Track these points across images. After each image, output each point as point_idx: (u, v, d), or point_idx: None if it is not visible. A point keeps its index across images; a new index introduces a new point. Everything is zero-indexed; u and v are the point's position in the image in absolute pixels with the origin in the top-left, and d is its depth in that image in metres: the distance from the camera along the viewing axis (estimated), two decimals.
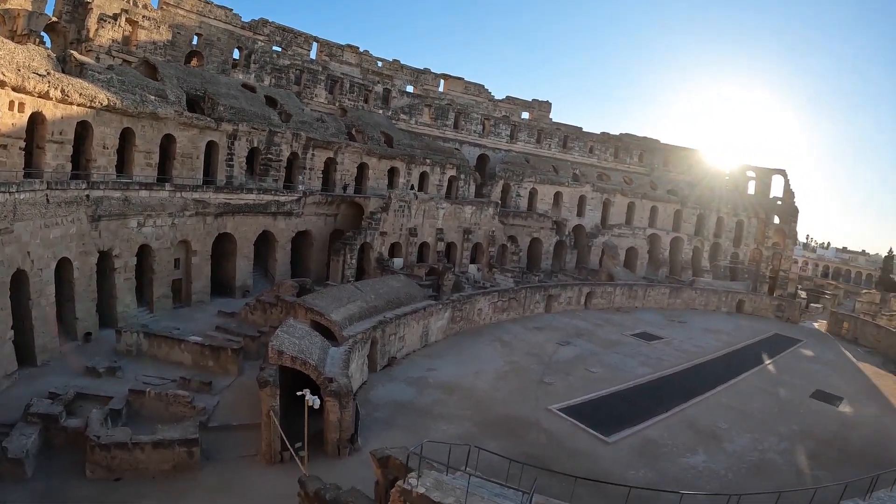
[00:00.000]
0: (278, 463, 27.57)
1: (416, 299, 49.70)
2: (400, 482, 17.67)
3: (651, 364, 52.13)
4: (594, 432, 35.34)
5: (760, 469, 34.24)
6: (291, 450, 25.99)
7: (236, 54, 66.68)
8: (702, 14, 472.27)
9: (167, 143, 50.45)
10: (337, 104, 71.17)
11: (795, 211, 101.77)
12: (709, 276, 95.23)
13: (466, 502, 16.60)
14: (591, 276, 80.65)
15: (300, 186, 59.81)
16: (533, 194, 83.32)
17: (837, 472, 34.10)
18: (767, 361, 60.65)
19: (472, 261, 71.28)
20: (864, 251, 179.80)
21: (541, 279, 70.60)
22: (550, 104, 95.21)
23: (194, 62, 65.16)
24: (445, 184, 74.10)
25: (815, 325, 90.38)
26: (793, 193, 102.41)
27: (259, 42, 66.68)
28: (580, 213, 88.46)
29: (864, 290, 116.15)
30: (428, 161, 71.76)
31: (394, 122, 75.50)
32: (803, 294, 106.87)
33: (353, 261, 57.03)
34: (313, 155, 60.99)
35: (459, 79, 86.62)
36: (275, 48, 68.29)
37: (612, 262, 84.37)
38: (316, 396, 25.39)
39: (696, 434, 37.87)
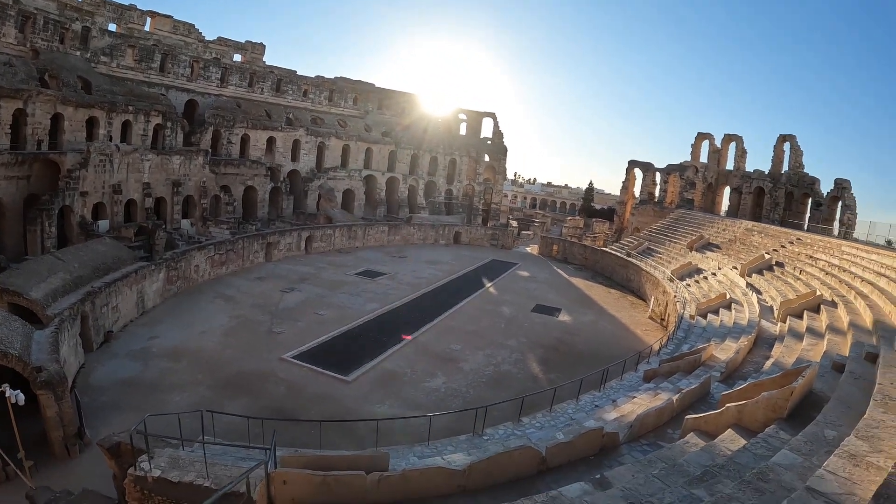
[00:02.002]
0: (4, 481, 22.93)
1: (126, 263, 44.79)
2: (132, 469, 15.30)
3: (378, 299, 52.54)
4: (333, 373, 34.67)
5: (499, 381, 35.98)
6: (11, 463, 21.88)
7: None
8: None
9: None
10: (28, 44, 59.98)
11: (504, 150, 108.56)
12: (425, 213, 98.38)
13: (208, 474, 14.81)
14: (309, 220, 78.74)
15: None
16: (245, 140, 78.75)
17: (570, 373, 37.16)
18: (488, 284, 64.33)
19: (185, 215, 66.13)
20: (566, 185, 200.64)
21: (258, 228, 67.49)
22: (264, 46, 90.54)
23: None
24: (151, 133, 66.57)
25: (528, 249, 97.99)
26: (501, 134, 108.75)
27: None
28: (295, 158, 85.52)
29: (570, 217, 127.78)
30: (131, 108, 63.87)
31: (93, 65, 65.86)
32: (514, 223, 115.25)
33: (53, 228, 49.48)
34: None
35: (168, 17, 78.16)
36: None
37: (329, 205, 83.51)
38: (19, 391, 21.39)
39: (433, 359, 38.87)
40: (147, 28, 77.14)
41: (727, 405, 17.00)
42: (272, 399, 30.79)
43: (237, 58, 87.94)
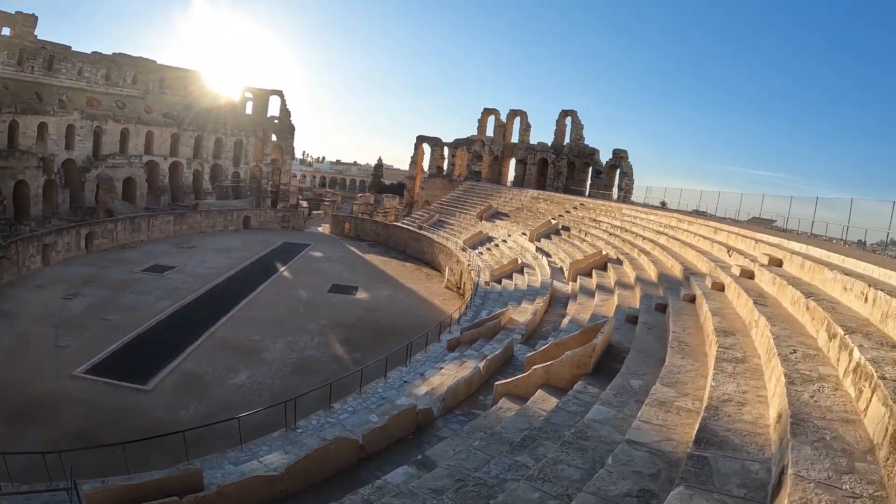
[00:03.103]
0: None
1: None
2: None
3: (169, 296, 49.11)
4: (131, 384, 31.64)
5: (304, 368, 34.90)
6: None
7: None
8: None
9: None
10: None
11: (292, 128, 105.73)
12: (212, 198, 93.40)
13: None
14: (88, 215, 71.79)
15: None
16: (14, 128, 68.66)
17: (374, 350, 36.73)
18: (282, 269, 62.71)
19: None
20: (355, 162, 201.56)
21: (32, 228, 60.70)
22: (36, 18, 79.95)
23: None
24: None
25: (320, 229, 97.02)
26: (289, 113, 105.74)
27: None
28: (69, 146, 76.27)
29: (360, 194, 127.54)
30: None
31: None
32: (305, 204, 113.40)
33: None
34: None
35: None
36: None
37: (109, 196, 76.65)
38: None
39: (233, 353, 36.86)
40: None
41: (534, 367, 17.28)
42: (70, 424, 27.32)
43: (6, 31, 77.80)
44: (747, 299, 15.13)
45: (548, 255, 48.44)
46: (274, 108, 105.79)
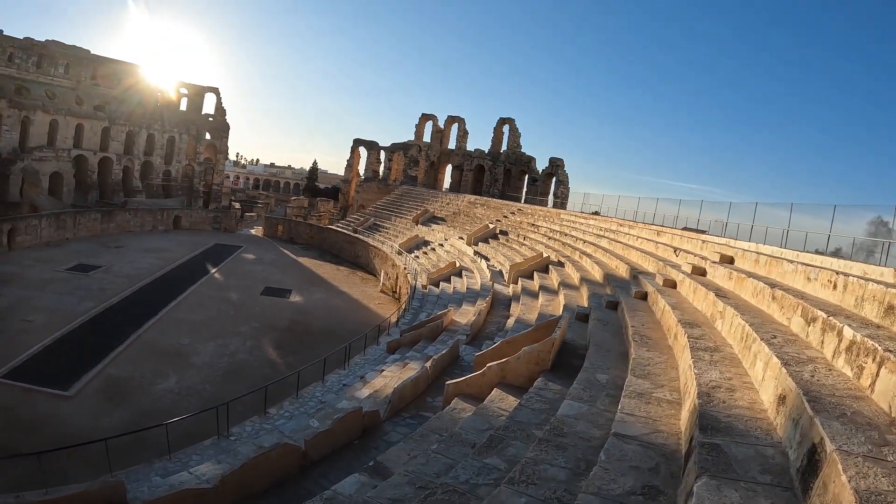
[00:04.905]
0: None
1: None
2: None
3: (94, 297, 46.82)
4: (51, 390, 29.65)
5: (236, 372, 33.57)
6: None
7: None
8: None
9: None
10: None
11: (227, 127, 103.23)
12: (142, 196, 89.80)
13: None
14: (12, 210, 67.96)
15: None
16: None
17: (309, 354, 35.55)
18: (213, 270, 60.86)
19: None
20: (290, 166, 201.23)
21: None
22: None
23: None
24: None
25: (252, 231, 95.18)
26: (224, 111, 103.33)
27: None
28: None
29: (294, 197, 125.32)
30: None
31: None
32: (237, 205, 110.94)
33: None
34: None
35: None
36: None
37: (34, 190, 72.68)
38: None
39: (161, 357, 35.14)
40: None
41: (489, 365, 16.62)
42: None
43: None
44: (706, 293, 14.98)
45: (486, 259, 48.18)
46: (209, 106, 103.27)
